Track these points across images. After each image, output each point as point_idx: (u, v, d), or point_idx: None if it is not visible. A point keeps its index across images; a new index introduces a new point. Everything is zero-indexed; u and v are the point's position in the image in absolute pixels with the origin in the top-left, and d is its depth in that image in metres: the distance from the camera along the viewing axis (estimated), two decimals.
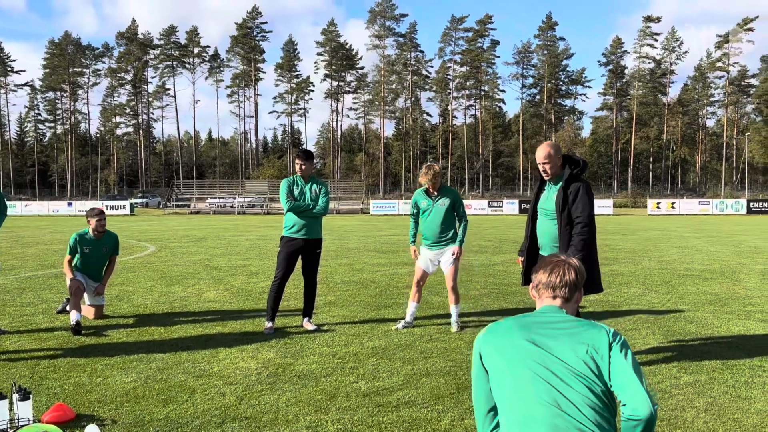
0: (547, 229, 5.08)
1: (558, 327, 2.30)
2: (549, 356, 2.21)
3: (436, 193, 6.69)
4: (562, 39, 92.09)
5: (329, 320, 7.08)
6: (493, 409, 2.36)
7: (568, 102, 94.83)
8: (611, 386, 2.18)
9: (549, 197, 5.07)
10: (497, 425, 2.36)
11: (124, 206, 49.02)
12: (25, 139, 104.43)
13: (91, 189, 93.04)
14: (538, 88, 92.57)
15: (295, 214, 6.56)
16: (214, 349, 5.77)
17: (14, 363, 5.33)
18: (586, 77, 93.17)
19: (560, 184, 4.96)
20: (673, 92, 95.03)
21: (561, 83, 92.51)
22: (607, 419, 2.13)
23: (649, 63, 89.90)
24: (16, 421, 3.70)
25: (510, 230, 25.29)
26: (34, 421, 3.76)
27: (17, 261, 13.28)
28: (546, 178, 5.09)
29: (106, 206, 48.12)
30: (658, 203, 48.45)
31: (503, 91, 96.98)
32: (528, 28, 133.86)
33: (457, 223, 6.79)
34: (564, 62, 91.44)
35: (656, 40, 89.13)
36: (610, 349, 2.21)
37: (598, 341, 2.23)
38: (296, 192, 6.63)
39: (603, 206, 47.76)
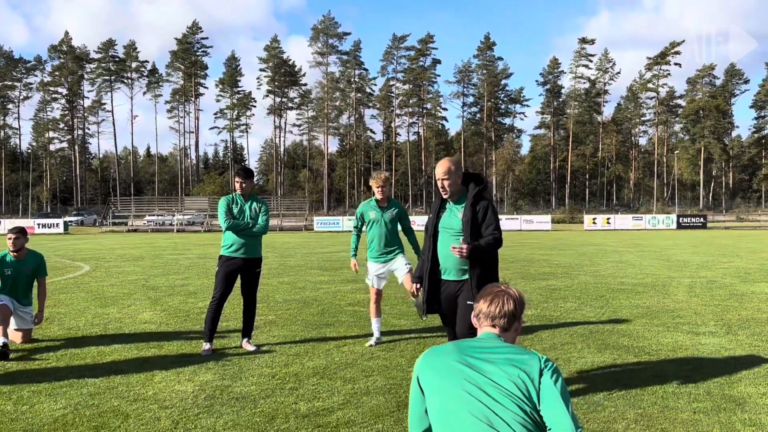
0: (447, 251, 4.60)
1: (494, 351, 2.42)
2: (482, 377, 2.31)
3: (385, 204, 6.80)
4: (501, 59, 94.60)
5: (269, 340, 7.00)
6: (428, 431, 2.44)
7: (507, 120, 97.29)
8: (540, 410, 2.28)
9: (452, 215, 4.65)
10: None
11: (57, 224, 47.25)
12: None
13: (22, 207, 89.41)
14: (479, 106, 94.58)
15: (234, 232, 6.48)
16: (149, 372, 5.61)
17: None
18: (524, 96, 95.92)
19: (465, 202, 4.61)
20: (608, 111, 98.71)
21: (500, 102, 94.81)
22: None
23: (584, 83, 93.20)
24: None
25: None
26: None
27: None
28: (444, 196, 4.69)
29: (38, 224, 46.29)
30: (594, 219, 49.97)
31: (445, 109, 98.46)
32: (468, 48, 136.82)
33: (407, 237, 6.94)
34: (503, 81, 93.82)
35: (591, 61, 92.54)
36: (541, 374, 2.32)
37: (530, 366, 2.34)
38: (235, 210, 6.55)
39: (541, 222, 48.95)
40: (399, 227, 6.95)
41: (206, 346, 6.42)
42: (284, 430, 4.18)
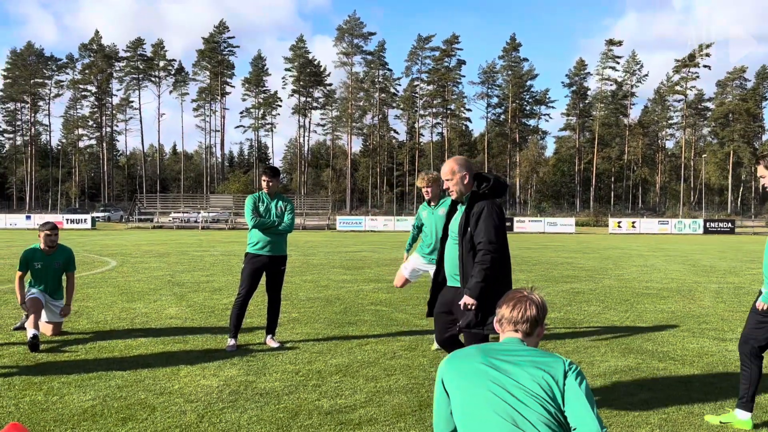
0: (451, 256, 4.41)
1: (517, 354, 2.46)
2: (506, 378, 2.35)
3: (435, 204, 6.68)
4: (526, 60, 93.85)
5: (293, 337, 7.06)
6: None
7: (532, 122, 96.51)
8: (564, 410, 2.31)
9: (456, 218, 4.40)
10: None
11: (85, 220, 48.03)
12: None
13: (51, 202, 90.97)
14: (503, 107, 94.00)
15: (260, 230, 6.56)
16: (175, 367, 5.71)
17: None
18: (549, 98, 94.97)
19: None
20: (634, 114, 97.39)
21: (525, 103, 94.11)
22: None
23: (611, 85, 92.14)
24: None
25: None
26: None
27: None
28: (452, 197, 4.47)
29: (67, 220, 47.09)
30: (619, 222, 49.44)
31: (469, 110, 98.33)
32: (493, 49, 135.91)
33: None
34: (528, 83, 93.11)
35: (618, 63, 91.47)
36: (566, 377, 2.35)
37: (554, 369, 2.37)
38: (262, 209, 6.63)
39: (565, 224, 48.61)
40: None
41: (231, 341, 6.50)
42: (307, 426, 4.23)
